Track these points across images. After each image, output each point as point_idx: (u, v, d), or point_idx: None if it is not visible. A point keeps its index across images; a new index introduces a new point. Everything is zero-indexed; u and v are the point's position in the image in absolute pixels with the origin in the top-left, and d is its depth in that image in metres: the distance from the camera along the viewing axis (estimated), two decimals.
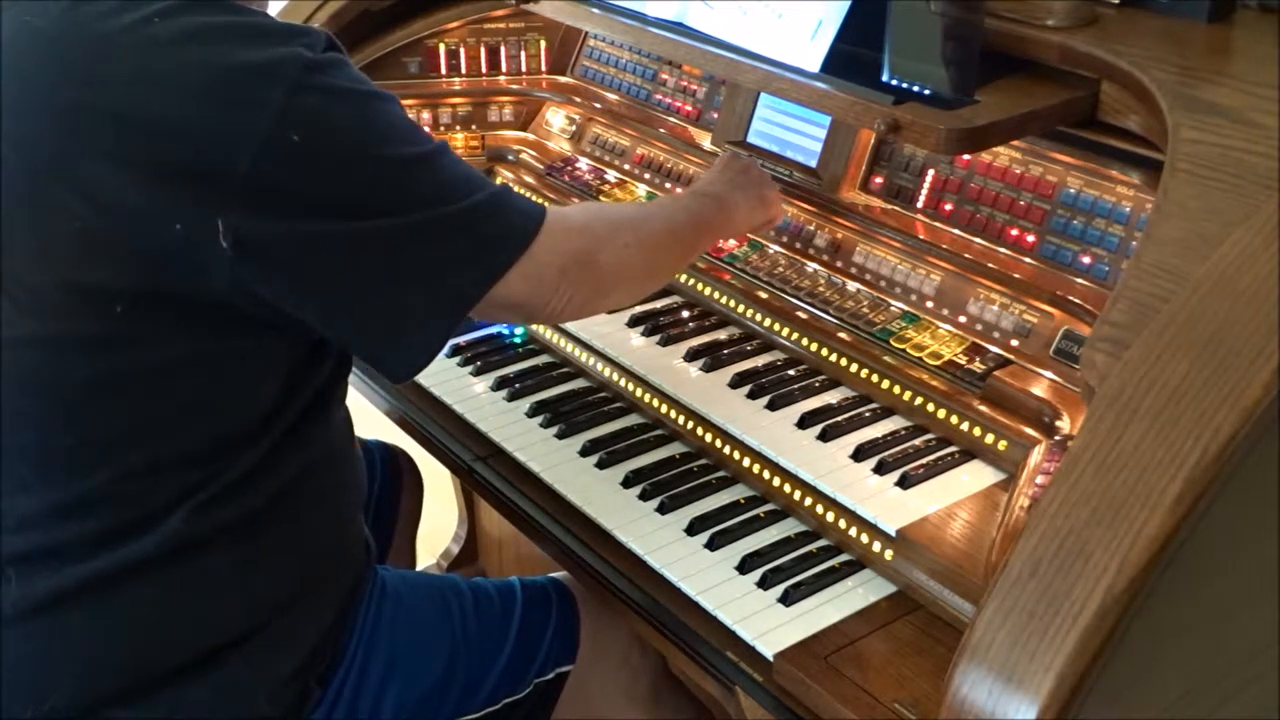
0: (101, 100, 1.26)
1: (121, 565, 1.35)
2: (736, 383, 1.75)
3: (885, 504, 1.52)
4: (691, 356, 1.82)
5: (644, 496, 1.64)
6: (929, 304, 1.75)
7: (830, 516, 1.56)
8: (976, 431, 1.59)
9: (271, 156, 1.25)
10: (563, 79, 2.40)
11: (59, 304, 1.31)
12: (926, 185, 1.80)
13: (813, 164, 1.91)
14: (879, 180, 1.86)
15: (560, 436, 1.77)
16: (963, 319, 1.71)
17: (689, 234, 1.67)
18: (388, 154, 1.33)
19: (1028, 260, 1.67)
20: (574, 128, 2.35)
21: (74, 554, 1.35)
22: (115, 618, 1.37)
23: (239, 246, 1.26)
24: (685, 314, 1.94)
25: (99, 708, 1.37)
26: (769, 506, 1.63)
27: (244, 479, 1.38)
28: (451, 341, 1.99)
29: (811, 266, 1.89)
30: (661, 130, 2.18)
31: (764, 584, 1.48)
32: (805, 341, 1.80)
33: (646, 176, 2.18)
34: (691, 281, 1.96)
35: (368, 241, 1.31)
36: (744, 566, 1.51)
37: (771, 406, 1.70)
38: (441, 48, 2.38)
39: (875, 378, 1.71)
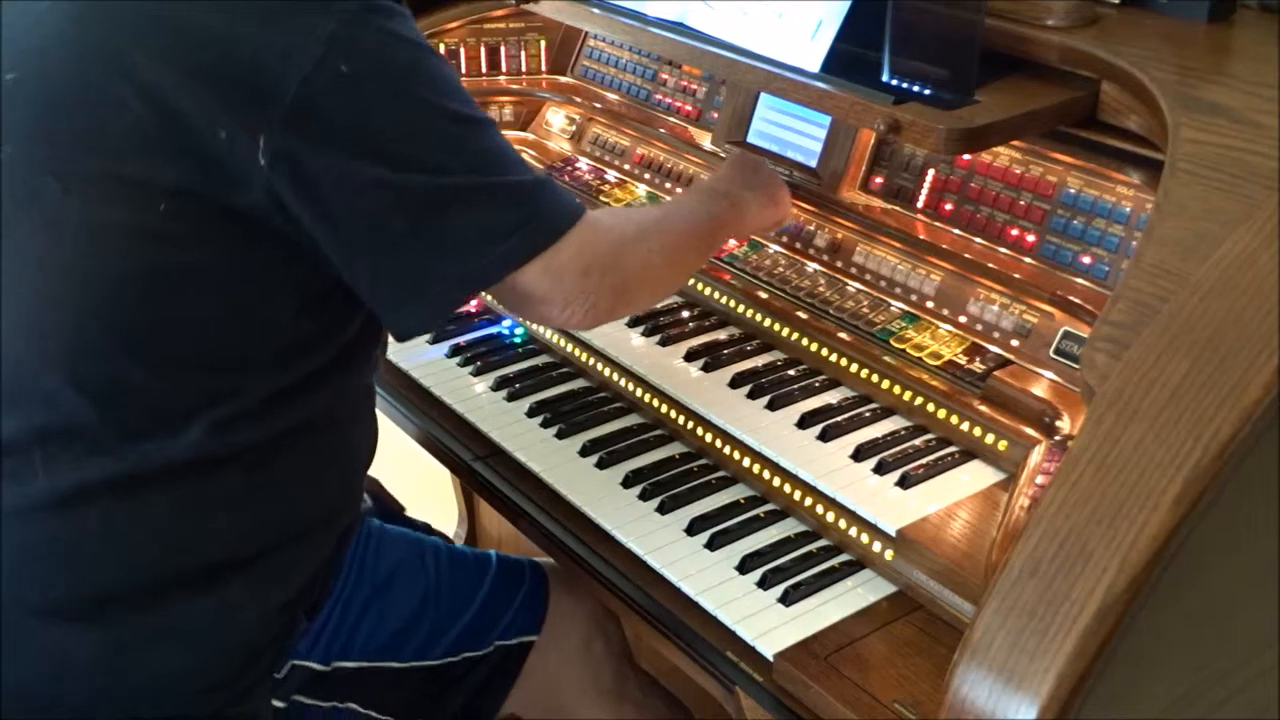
0: (163, 8, 1.30)
1: (141, 467, 1.37)
2: (736, 383, 1.75)
3: (885, 504, 1.52)
4: (691, 356, 1.82)
5: (644, 496, 1.64)
6: (929, 304, 1.75)
7: (830, 516, 1.56)
8: (976, 431, 1.59)
9: (318, 84, 1.26)
10: (563, 79, 2.40)
11: (105, 193, 1.33)
12: (926, 185, 1.80)
13: (813, 164, 1.91)
14: (879, 180, 1.86)
15: (560, 436, 1.77)
16: (963, 319, 1.71)
17: (708, 235, 1.68)
18: (437, 106, 1.33)
19: (1028, 260, 1.67)
20: (574, 128, 2.35)
21: (95, 443, 1.37)
22: (130, 520, 1.39)
23: (275, 166, 1.28)
24: (685, 314, 1.94)
25: (99, 605, 1.40)
26: (769, 506, 1.63)
27: (263, 404, 1.41)
28: (451, 341, 1.99)
29: (811, 266, 1.89)
30: (661, 130, 2.18)
31: (764, 584, 1.48)
32: (805, 341, 1.80)
33: (646, 176, 2.18)
34: (691, 281, 1.96)
35: (402, 193, 1.32)
36: (744, 566, 1.51)
37: (771, 406, 1.70)
38: (441, 48, 2.38)
39: (875, 378, 1.71)
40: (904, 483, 1.54)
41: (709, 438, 1.71)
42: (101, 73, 1.32)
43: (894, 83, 1.53)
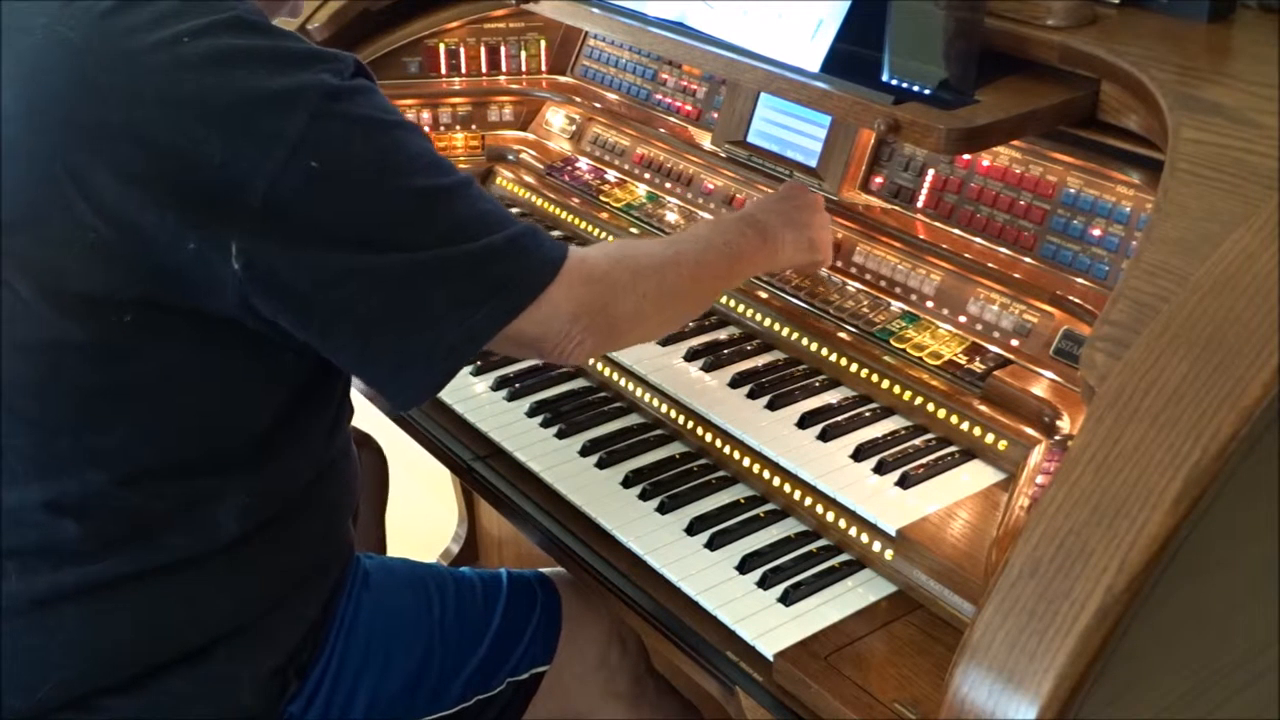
0: (123, 119, 1.25)
1: (120, 571, 1.36)
2: (736, 382, 1.75)
3: (885, 504, 1.52)
4: (691, 356, 1.82)
5: (644, 496, 1.64)
6: (929, 304, 1.75)
7: (830, 516, 1.56)
8: (976, 431, 1.59)
9: (288, 183, 1.24)
10: (563, 79, 2.40)
11: (67, 309, 1.30)
12: (926, 185, 1.80)
13: (813, 164, 1.91)
14: (879, 180, 1.86)
15: (560, 436, 1.77)
16: (963, 319, 1.71)
17: (722, 269, 1.62)
18: (406, 186, 1.31)
19: (1028, 260, 1.67)
20: (574, 127, 2.35)
21: (72, 555, 1.35)
22: (110, 617, 1.37)
23: (249, 269, 1.26)
24: None
25: (87, 699, 1.38)
26: (769, 506, 1.63)
27: (245, 498, 1.39)
28: None
29: None
30: (661, 130, 2.18)
31: (764, 584, 1.48)
32: (805, 341, 1.80)
33: (646, 176, 2.18)
34: None
35: (377, 276, 1.29)
36: (744, 566, 1.51)
37: (771, 406, 1.70)
38: (441, 47, 2.38)
39: (875, 377, 1.71)
40: (904, 482, 1.54)
41: (709, 437, 1.71)
42: (62, 191, 1.26)
43: (894, 83, 1.53)
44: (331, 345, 1.34)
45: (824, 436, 1.64)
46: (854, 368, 1.74)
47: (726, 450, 1.69)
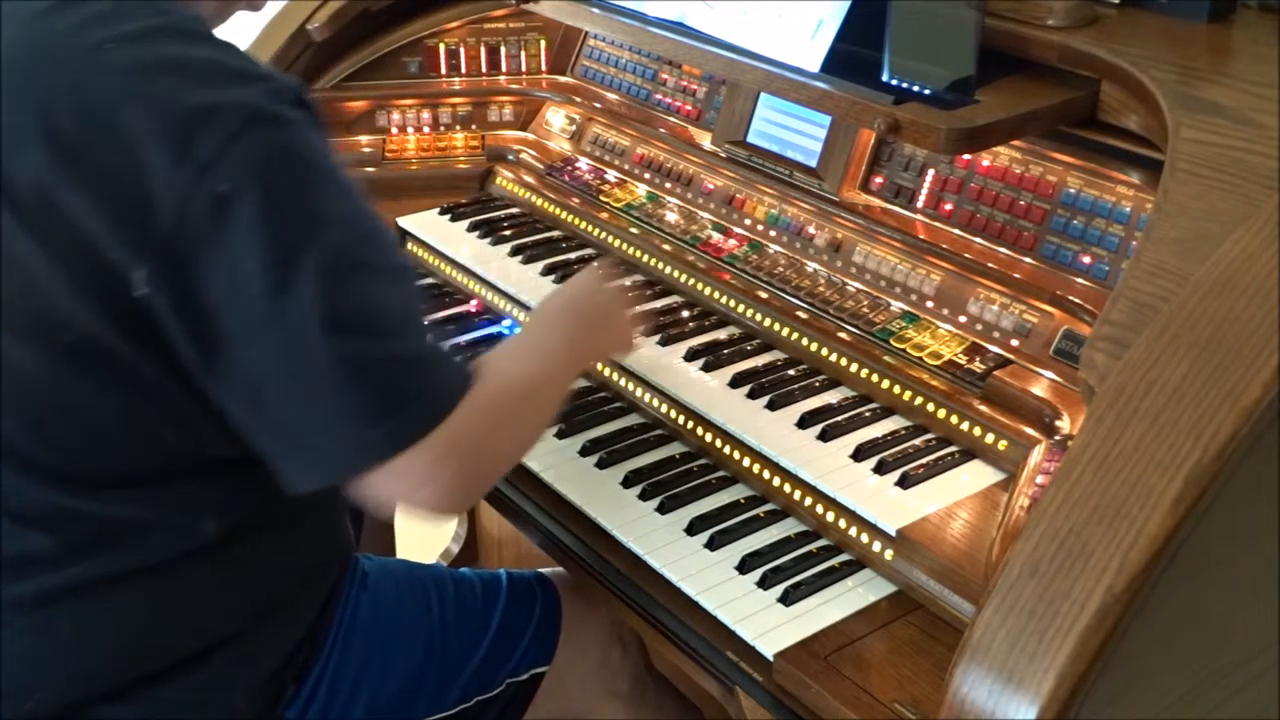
0: (41, 123, 1.20)
1: (99, 574, 1.33)
2: (736, 382, 1.75)
3: (885, 504, 1.52)
4: (691, 356, 1.82)
5: (644, 496, 1.63)
6: (929, 304, 1.75)
7: (830, 516, 1.56)
8: (976, 431, 1.59)
9: (196, 207, 1.15)
10: (563, 79, 2.40)
11: (18, 324, 1.26)
12: (926, 185, 1.80)
13: (813, 164, 1.91)
14: (879, 180, 1.86)
15: (560, 436, 1.76)
16: (963, 319, 1.71)
17: (556, 399, 1.51)
18: (320, 243, 1.19)
19: (1028, 260, 1.67)
20: (574, 127, 2.35)
21: (50, 563, 1.32)
22: (98, 622, 1.35)
23: (155, 295, 1.19)
24: (685, 314, 1.94)
25: (81, 706, 1.37)
26: (769, 506, 1.62)
27: (222, 495, 1.36)
28: (451, 341, 1.99)
29: (811, 266, 1.89)
30: (661, 130, 2.18)
31: (764, 584, 1.48)
32: (805, 341, 1.80)
33: (646, 176, 2.18)
34: (691, 281, 1.96)
35: (278, 342, 1.19)
36: (744, 566, 1.51)
37: (771, 406, 1.70)
38: (441, 47, 2.38)
39: (875, 377, 1.71)
40: (904, 482, 1.54)
41: (709, 437, 1.71)
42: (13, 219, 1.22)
43: (894, 83, 1.53)
44: (222, 396, 1.25)
45: (824, 436, 1.64)
46: (854, 368, 1.74)
47: (726, 450, 1.69)
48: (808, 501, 1.58)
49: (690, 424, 1.73)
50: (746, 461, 1.66)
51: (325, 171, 1.23)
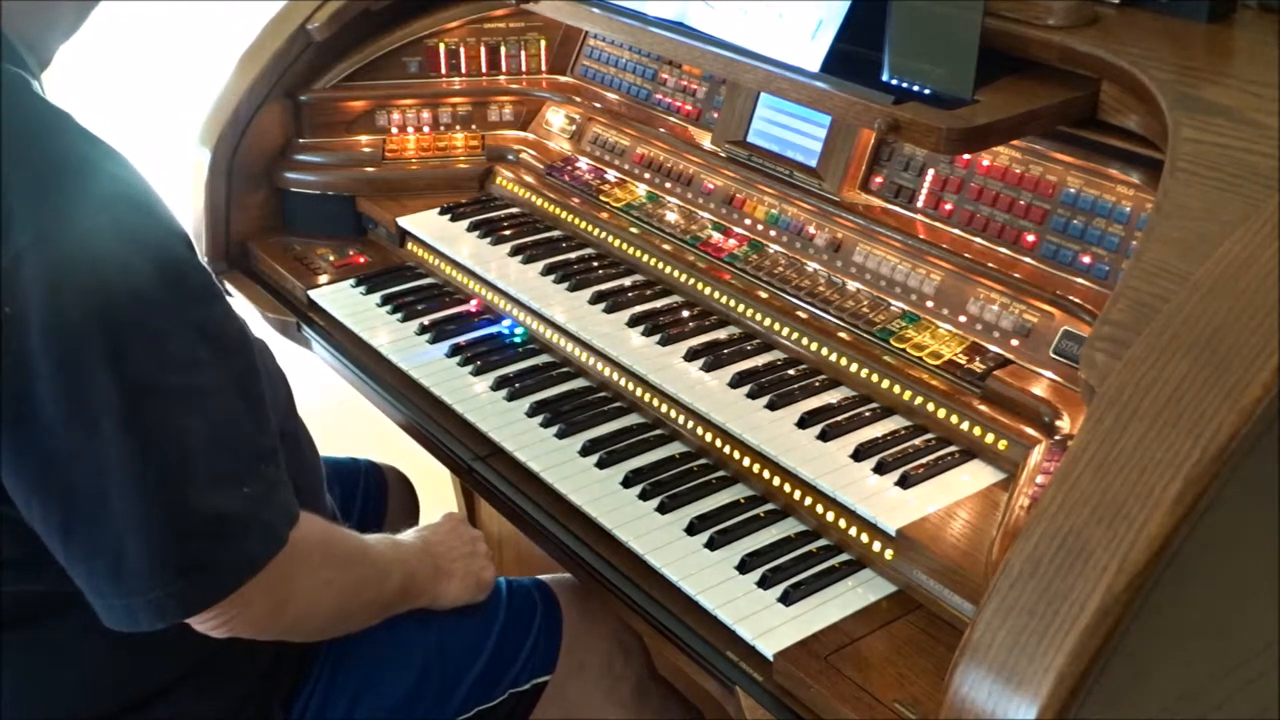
0: None
1: (26, 638, 1.33)
2: (736, 382, 1.75)
3: (885, 504, 1.52)
4: (691, 356, 1.82)
5: (644, 496, 1.64)
6: (929, 304, 1.75)
7: (830, 516, 1.56)
8: (976, 431, 1.59)
9: None
10: (563, 79, 2.40)
11: None
12: (926, 185, 1.80)
13: (813, 164, 1.91)
14: (879, 180, 1.86)
15: (560, 436, 1.76)
16: (963, 319, 1.71)
17: (394, 589, 1.53)
18: (132, 361, 1.17)
19: (1028, 260, 1.67)
20: (574, 127, 2.35)
21: None
22: (52, 672, 1.35)
23: None
24: (685, 313, 1.94)
25: None
26: (769, 506, 1.63)
27: None
28: (451, 341, 1.99)
29: (811, 266, 1.89)
30: (661, 130, 2.18)
31: (764, 584, 1.48)
32: (805, 341, 1.80)
33: (646, 176, 2.18)
34: (691, 281, 1.96)
35: (71, 466, 1.16)
36: (744, 566, 1.51)
37: (771, 406, 1.70)
38: (441, 47, 2.38)
39: (875, 377, 1.71)
40: (904, 482, 1.54)
41: (709, 437, 1.71)
42: None
43: (894, 82, 1.53)
44: (28, 513, 1.22)
45: (824, 436, 1.64)
46: (854, 367, 1.74)
47: (726, 450, 1.69)
48: (808, 501, 1.58)
49: (690, 424, 1.73)
50: (746, 461, 1.66)
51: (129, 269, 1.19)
